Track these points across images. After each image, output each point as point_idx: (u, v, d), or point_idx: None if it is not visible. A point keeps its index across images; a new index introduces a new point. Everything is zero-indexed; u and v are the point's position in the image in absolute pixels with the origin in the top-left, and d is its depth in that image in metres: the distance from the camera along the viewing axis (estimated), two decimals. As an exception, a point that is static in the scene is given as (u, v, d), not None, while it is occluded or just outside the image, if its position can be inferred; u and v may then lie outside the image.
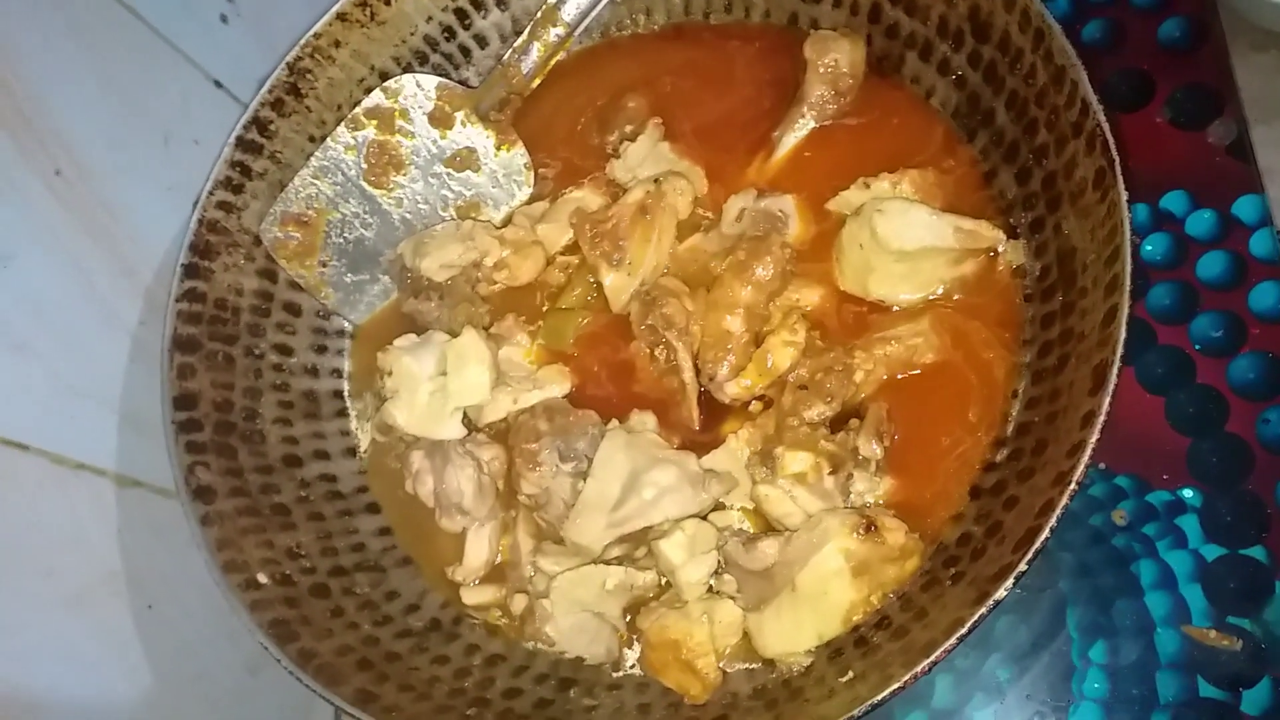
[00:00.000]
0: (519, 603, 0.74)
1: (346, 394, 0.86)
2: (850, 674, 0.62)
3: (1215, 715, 0.71)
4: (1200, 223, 0.80)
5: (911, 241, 0.70)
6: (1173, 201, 0.81)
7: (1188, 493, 0.75)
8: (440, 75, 0.85)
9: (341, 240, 0.85)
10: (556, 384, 0.77)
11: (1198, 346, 0.78)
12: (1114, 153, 0.61)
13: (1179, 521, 0.75)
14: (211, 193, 0.79)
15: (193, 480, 0.72)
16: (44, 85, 0.72)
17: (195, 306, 0.77)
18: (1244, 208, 0.79)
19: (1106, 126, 0.62)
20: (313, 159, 0.83)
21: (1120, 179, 0.60)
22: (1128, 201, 0.60)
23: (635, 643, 0.72)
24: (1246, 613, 0.72)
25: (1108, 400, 0.58)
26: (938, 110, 0.78)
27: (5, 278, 0.69)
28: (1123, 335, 0.58)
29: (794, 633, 0.66)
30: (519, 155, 0.85)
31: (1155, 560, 0.75)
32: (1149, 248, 0.81)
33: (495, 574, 0.78)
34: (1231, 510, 0.74)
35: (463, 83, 0.86)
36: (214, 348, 0.78)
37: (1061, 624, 0.76)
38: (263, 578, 0.71)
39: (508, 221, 0.85)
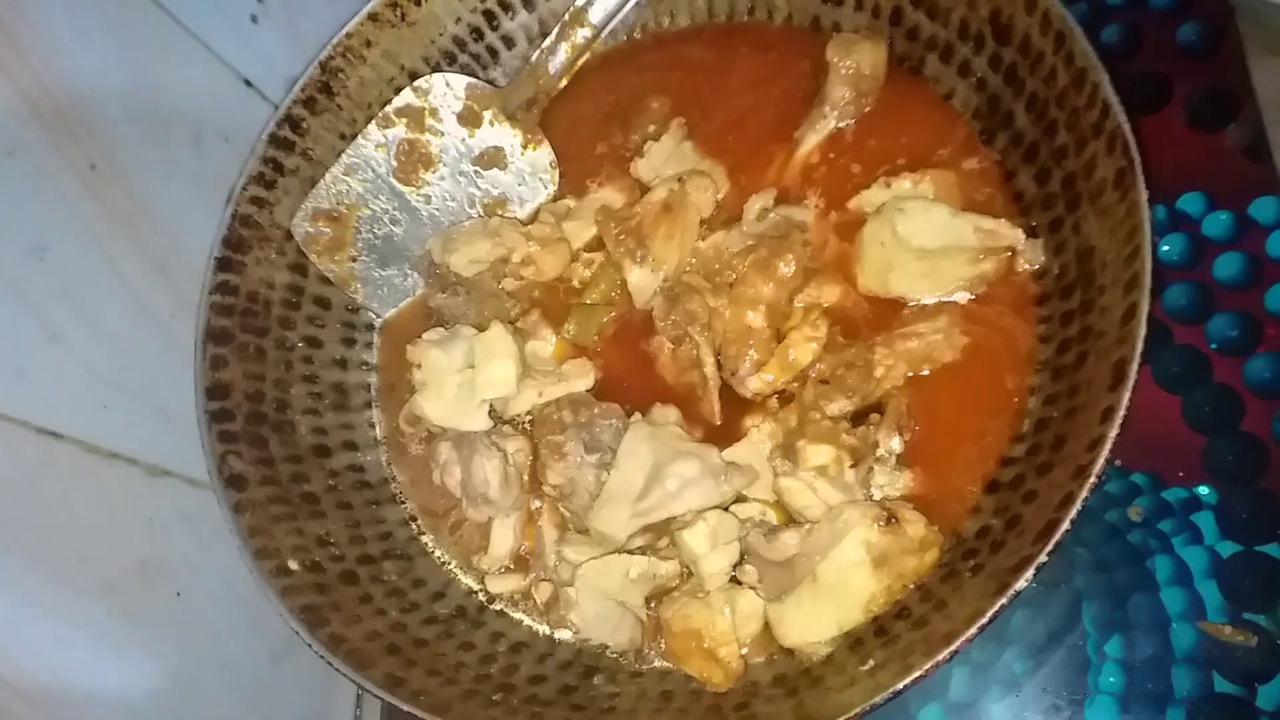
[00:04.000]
0: (544, 591, 0.75)
1: (374, 387, 0.88)
2: (871, 663, 0.63)
3: (1230, 710, 0.71)
4: (1217, 224, 0.81)
5: (932, 240, 0.71)
6: (1189, 203, 0.82)
7: (1203, 490, 0.76)
8: (469, 75, 0.86)
9: (371, 236, 0.86)
10: (581, 377, 0.78)
11: (1214, 346, 0.79)
12: (1134, 153, 0.62)
13: (1195, 518, 0.76)
14: (245, 188, 0.80)
15: (225, 469, 0.74)
16: (80, 82, 0.73)
17: (228, 299, 0.79)
18: (1261, 209, 0.80)
19: (1128, 128, 0.62)
20: (344, 156, 0.84)
21: (1141, 179, 0.61)
22: (1148, 201, 0.61)
23: (658, 631, 0.73)
24: (1262, 609, 0.72)
25: (1127, 396, 0.58)
26: (958, 111, 0.79)
27: (41, 269, 0.70)
28: (1142, 332, 0.59)
29: (815, 623, 0.66)
30: (545, 154, 0.86)
31: (1171, 556, 0.76)
32: (1166, 248, 0.82)
33: (520, 563, 0.79)
34: (1247, 507, 0.75)
35: (490, 83, 0.87)
36: (246, 339, 0.80)
37: (1077, 619, 0.76)
38: (293, 564, 0.72)
39: (534, 218, 0.86)
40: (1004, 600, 0.57)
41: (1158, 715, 0.73)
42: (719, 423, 0.75)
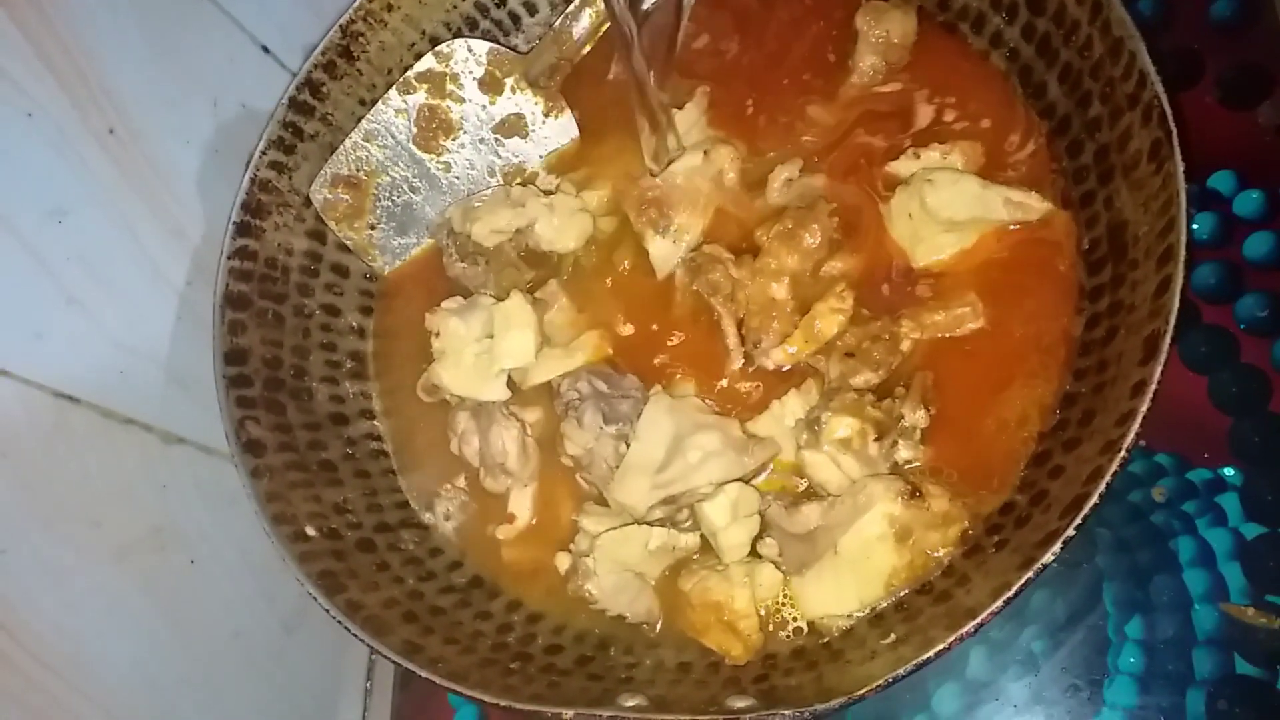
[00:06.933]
0: (562, 561, 0.74)
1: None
2: (892, 636, 0.63)
3: (1251, 692, 0.71)
4: (1248, 203, 0.80)
5: (961, 212, 0.71)
6: (1220, 181, 0.81)
7: (1229, 471, 0.75)
8: (491, 41, 0.85)
9: (390, 203, 0.85)
10: (600, 348, 0.78)
11: (1242, 326, 0.78)
12: (1171, 124, 0.61)
13: (1219, 499, 0.75)
14: (264, 152, 0.79)
15: (243, 434, 0.73)
16: (100, 46, 0.73)
17: (246, 264, 0.78)
18: (1293, 188, 0.79)
19: (1164, 98, 0.61)
20: (363, 122, 0.83)
21: (1178, 150, 0.60)
22: (1184, 173, 0.60)
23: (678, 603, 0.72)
24: (1286, 591, 0.72)
25: (1159, 370, 0.57)
26: (990, 82, 0.78)
27: (60, 233, 0.70)
28: (1176, 305, 0.58)
29: (835, 596, 0.66)
30: (567, 122, 0.85)
31: (1194, 537, 0.75)
32: (1195, 227, 0.80)
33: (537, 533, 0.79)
34: (1272, 489, 0.74)
35: (513, 49, 0.86)
36: (264, 305, 0.79)
37: (1098, 599, 0.76)
38: (310, 530, 0.72)
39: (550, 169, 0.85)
40: (1030, 575, 0.57)
41: (1178, 696, 0.72)
42: (742, 394, 0.74)
